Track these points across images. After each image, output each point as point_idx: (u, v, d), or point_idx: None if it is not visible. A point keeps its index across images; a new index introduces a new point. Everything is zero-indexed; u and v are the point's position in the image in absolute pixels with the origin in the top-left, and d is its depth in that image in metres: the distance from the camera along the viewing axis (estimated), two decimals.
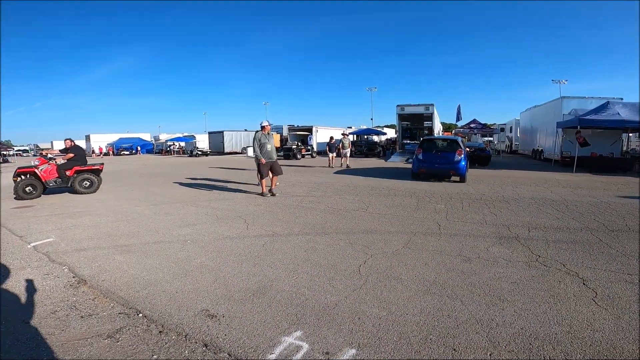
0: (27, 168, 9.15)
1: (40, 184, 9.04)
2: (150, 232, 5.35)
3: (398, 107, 23.25)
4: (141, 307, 2.96)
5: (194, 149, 35.74)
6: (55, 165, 9.40)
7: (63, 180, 9.36)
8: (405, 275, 3.55)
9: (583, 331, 2.52)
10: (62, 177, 9.34)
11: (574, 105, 16.72)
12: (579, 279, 3.42)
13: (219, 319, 2.72)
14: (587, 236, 4.89)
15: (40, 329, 2.63)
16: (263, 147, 8.25)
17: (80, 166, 9.69)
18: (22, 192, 8.73)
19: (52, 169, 9.34)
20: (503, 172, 14.21)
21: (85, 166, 9.79)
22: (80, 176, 9.57)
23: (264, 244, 4.64)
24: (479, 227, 5.38)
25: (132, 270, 3.81)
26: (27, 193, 8.79)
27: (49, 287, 3.39)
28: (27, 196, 8.75)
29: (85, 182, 9.61)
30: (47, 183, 9.17)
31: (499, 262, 3.89)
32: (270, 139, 8.41)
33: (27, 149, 65.15)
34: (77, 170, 9.59)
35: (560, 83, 42.92)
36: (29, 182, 8.89)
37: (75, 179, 9.48)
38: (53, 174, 9.29)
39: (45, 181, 9.12)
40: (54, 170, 9.33)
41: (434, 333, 2.50)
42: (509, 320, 2.67)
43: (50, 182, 9.21)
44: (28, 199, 8.73)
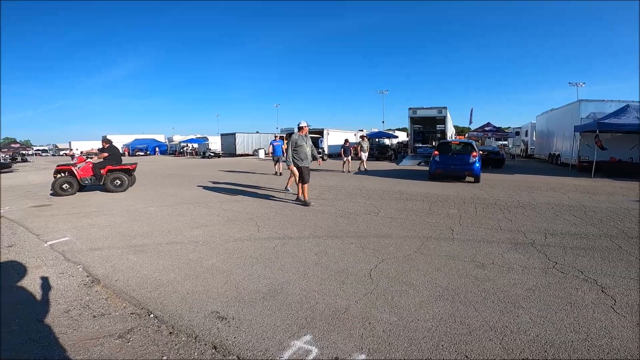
0: (65, 166, 9.71)
1: (76, 181, 9.52)
2: (162, 233, 5.42)
3: (410, 110, 23.11)
4: (152, 307, 2.99)
5: (207, 150, 36.16)
6: (91, 164, 9.87)
7: (97, 178, 9.81)
8: (417, 280, 3.50)
9: (601, 339, 2.45)
10: (96, 176, 9.80)
11: (592, 109, 16.28)
12: (598, 286, 3.32)
13: (229, 321, 2.73)
14: (606, 243, 4.75)
15: (53, 328, 2.68)
16: (300, 150, 7.61)
17: (114, 165, 10.07)
18: (59, 189, 9.26)
19: (88, 168, 9.82)
20: (518, 176, 13.94)
21: (118, 165, 10.16)
22: (112, 175, 9.94)
23: (274, 247, 4.64)
24: (494, 233, 5.28)
25: (144, 270, 3.86)
26: (64, 190, 9.31)
27: (63, 286, 3.45)
28: (63, 193, 9.26)
29: (117, 181, 9.97)
30: (83, 181, 9.65)
31: (514, 268, 3.80)
32: (308, 141, 7.75)
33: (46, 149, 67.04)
34: (110, 170, 9.97)
35: (578, 86, 41.93)
36: (66, 179, 9.41)
37: (107, 177, 9.86)
38: (89, 172, 9.78)
39: (81, 179, 9.60)
40: (89, 169, 9.81)
41: (445, 339, 2.45)
42: (524, 327, 2.60)
43: (86, 179, 9.70)
44: (64, 195, 9.21)
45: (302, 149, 7.59)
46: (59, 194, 9.21)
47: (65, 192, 9.29)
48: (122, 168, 10.23)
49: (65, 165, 9.85)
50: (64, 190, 9.29)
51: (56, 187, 9.25)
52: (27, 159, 41.06)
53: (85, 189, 10.16)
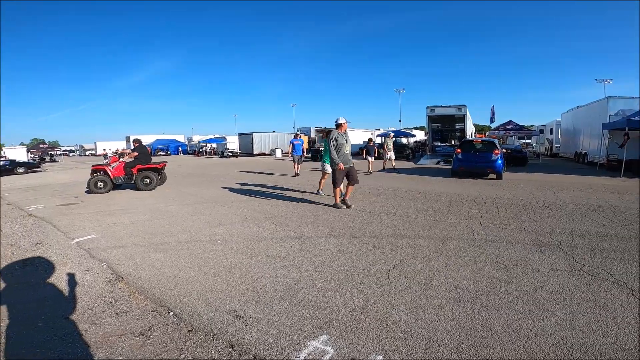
0: (100, 166, 10.38)
1: (110, 180, 10.09)
2: (183, 231, 5.52)
3: (428, 108, 22.74)
4: (172, 305, 3.04)
5: (225, 150, 36.70)
6: (123, 164, 10.42)
7: (128, 177, 10.34)
8: (436, 281, 3.43)
9: (630, 342, 2.34)
10: (127, 175, 10.33)
11: (620, 106, 15.54)
12: (627, 289, 3.17)
13: (246, 320, 2.74)
14: (637, 245, 4.52)
15: (77, 324, 2.76)
16: (340, 148, 6.92)
17: (143, 164, 10.55)
18: (94, 187, 9.86)
19: (121, 167, 10.38)
20: (542, 175, 13.48)
21: (147, 164, 10.62)
22: (142, 174, 10.39)
23: (292, 246, 4.65)
24: (517, 234, 5.11)
25: (165, 268, 3.93)
26: (98, 188, 9.89)
27: (88, 283, 3.56)
28: (97, 191, 9.85)
29: (146, 180, 10.38)
30: (116, 179, 10.24)
31: (540, 270, 3.67)
32: (347, 139, 7.11)
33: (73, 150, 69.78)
34: (140, 169, 10.45)
35: (605, 83, 40.20)
36: (100, 178, 10.01)
37: (138, 176, 10.33)
38: (121, 171, 10.34)
39: (114, 177, 10.19)
40: (122, 168, 10.36)
41: (465, 342, 2.38)
42: (549, 330, 2.51)
43: (119, 178, 10.29)
44: (98, 193, 9.79)
45: (343, 149, 6.95)
46: (94, 192, 9.79)
47: (99, 190, 9.86)
48: (151, 167, 10.67)
49: (100, 165, 10.49)
50: (98, 189, 9.87)
51: (91, 186, 9.85)
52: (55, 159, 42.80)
53: (120, 188, 10.67)
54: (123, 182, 10.38)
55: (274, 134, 40.25)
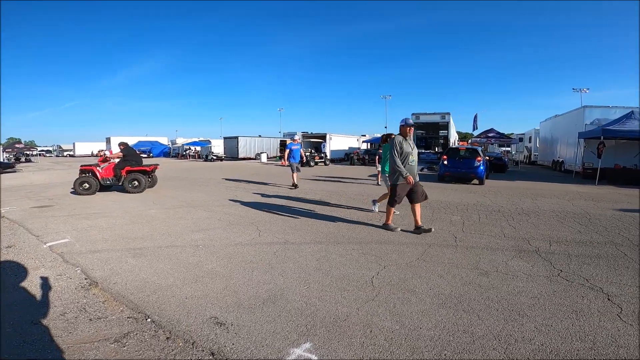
0: (88, 166, 10.19)
1: (97, 182, 9.90)
2: (163, 236, 5.38)
3: (413, 115, 23.08)
4: (150, 311, 2.95)
5: (209, 153, 36.25)
6: (113, 165, 10.27)
7: (117, 178, 10.17)
8: (419, 287, 3.44)
9: (607, 347, 2.39)
10: (116, 176, 10.17)
11: (596, 115, 16.15)
12: (604, 294, 3.26)
13: (228, 327, 2.68)
14: (612, 250, 4.68)
15: (48, 330, 2.64)
16: (405, 158, 5.55)
17: (133, 166, 10.37)
18: (79, 187, 9.66)
19: (110, 168, 10.23)
20: (521, 183, 13.86)
21: (137, 167, 10.45)
22: (130, 176, 10.19)
23: (275, 252, 4.59)
24: (497, 240, 5.21)
25: (143, 273, 3.82)
26: (84, 189, 9.68)
27: (60, 288, 3.42)
28: (83, 192, 9.66)
29: (134, 182, 10.19)
30: (104, 181, 10.07)
31: (519, 276, 3.74)
32: (413, 146, 5.81)
33: (50, 150, 67.50)
34: (128, 171, 10.26)
35: (582, 92, 41.75)
36: (85, 179, 9.80)
37: (126, 178, 10.14)
38: (110, 172, 10.20)
39: (102, 179, 10.02)
40: (111, 169, 10.22)
41: (448, 348, 2.39)
42: (529, 336, 2.54)
43: (107, 180, 10.13)
44: (85, 194, 9.61)
45: (408, 158, 5.57)
46: (80, 193, 9.61)
47: (86, 191, 9.68)
48: (140, 169, 10.49)
49: (88, 165, 10.29)
50: (84, 189, 9.68)
51: (77, 186, 9.68)
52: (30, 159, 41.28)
53: (109, 190, 10.51)
54: (111, 183, 10.19)
55: (260, 138, 40.01)
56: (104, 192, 10.12)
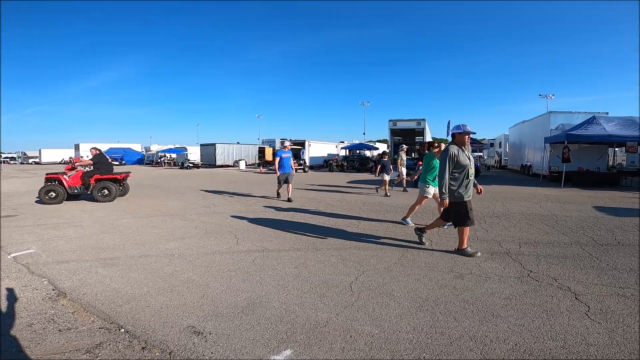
0: (54, 174, 9.73)
1: (64, 190, 9.44)
2: (135, 246, 5.21)
3: (390, 122, 23.48)
4: (123, 322, 2.85)
5: (185, 160, 35.42)
6: (81, 173, 9.85)
7: (85, 187, 9.76)
8: (397, 291, 3.49)
9: (577, 345, 2.49)
10: (85, 185, 9.75)
11: (561, 120, 16.89)
12: (571, 294, 3.41)
13: (206, 336, 2.62)
14: (577, 251, 4.91)
15: (17, 341, 2.52)
16: (463, 172, 4.62)
17: (103, 174, 9.96)
18: (45, 196, 9.21)
19: (77, 176, 9.80)
20: (493, 187, 14.34)
21: (107, 174, 10.04)
22: (100, 184, 9.79)
23: (253, 260, 4.54)
24: (471, 243, 5.35)
25: (115, 284, 3.68)
26: (50, 198, 9.24)
27: (26, 299, 3.27)
28: (49, 201, 9.21)
29: (104, 191, 9.80)
30: (71, 190, 9.61)
31: (491, 277, 3.86)
32: (471, 156, 4.80)
33: (14, 157, 64.05)
34: (97, 179, 9.86)
35: (547, 98, 43.77)
36: (51, 187, 9.33)
37: (95, 187, 9.73)
38: (78, 181, 9.77)
39: (69, 187, 9.58)
40: (78, 178, 9.79)
41: (427, 351, 2.43)
42: (503, 336, 2.62)
43: (74, 188, 9.68)
44: (51, 203, 9.17)
45: (466, 171, 4.63)
46: (46, 202, 9.16)
47: (52, 200, 9.23)
48: (110, 177, 10.10)
49: (54, 173, 9.83)
50: (50, 198, 9.23)
51: (42, 195, 9.22)
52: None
53: (77, 199, 10.09)
54: (79, 192, 9.74)
55: (238, 145, 39.51)
56: (72, 202, 9.69)
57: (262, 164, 35.61)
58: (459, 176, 4.61)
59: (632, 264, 4.28)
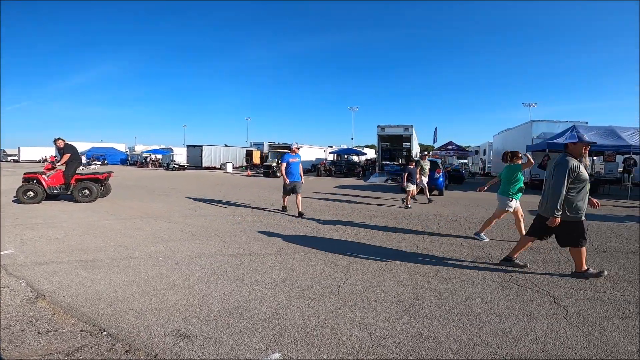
0: (33, 174, 9.42)
1: (42, 190, 9.17)
2: (118, 248, 5.10)
3: (378, 127, 23.69)
4: (106, 325, 2.79)
5: (171, 162, 34.89)
6: (61, 172, 9.52)
7: (66, 187, 9.44)
8: (384, 296, 3.53)
9: (557, 349, 2.56)
10: (66, 184, 9.44)
11: (542, 129, 17.34)
12: (550, 298, 3.51)
13: (192, 340, 2.59)
14: (556, 256, 5.06)
15: None
16: (582, 188, 4.14)
17: (77, 166, 9.73)
18: (22, 196, 8.95)
19: (58, 176, 9.49)
20: (477, 194, 14.60)
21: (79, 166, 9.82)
22: (81, 184, 9.53)
23: (240, 263, 4.51)
24: (455, 248, 5.46)
25: (96, 286, 3.60)
26: (28, 197, 8.99)
27: (4, 301, 3.18)
28: (28, 201, 8.95)
29: (85, 191, 9.54)
30: (50, 190, 9.33)
31: (475, 282, 3.94)
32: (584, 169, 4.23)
33: None
34: (78, 179, 9.61)
35: (531, 106, 44.94)
36: (29, 187, 9.07)
37: (75, 187, 9.47)
38: (58, 180, 9.46)
39: (48, 187, 9.29)
40: (59, 177, 9.48)
41: (413, 354, 2.47)
42: (486, 339, 2.68)
43: (54, 188, 9.38)
44: (28, 203, 8.90)
45: (584, 188, 4.16)
46: (24, 202, 8.92)
47: (30, 200, 8.97)
48: (91, 177, 9.88)
49: (32, 173, 9.54)
50: (28, 198, 8.98)
51: (20, 195, 8.97)
52: None
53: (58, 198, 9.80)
54: (59, 192, 9.44)
55: (225, 147, 39.15)
56: (51, 202, 9.40)
57: (250, 167, 35.40)
58: (577, 192, 4.13)
59: (609, 269, 4.43)
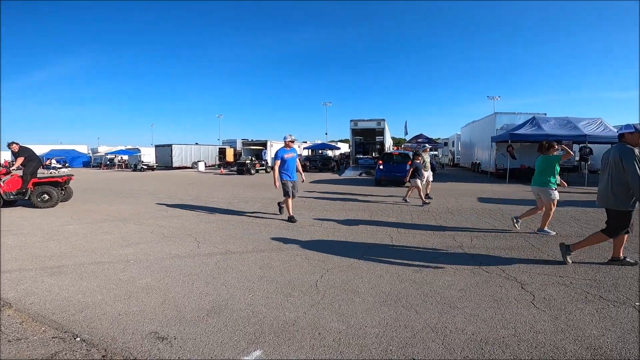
0: None
1: None
2: (85, 253, 4.88)
3: (352, 122, 23.87)
4: (78, 330, 2.69)
5: (139, 162, 33.55)
6: (17, 177, 8.98)
7: (23, 192, 8.88)
8: (361, 287, 3.59)
9: (527, 333, 2.69)
10: (24, 186, 8.89)
11: (505, 121, 18.17)
12: (518, 283, 3.68)
13: (171, 341, 2.53)
14: (521, 242, 5.33)
15: None
16: None
17: (37, 167, 9.22)
18: None
19: (14, 181, 8.93)
20: (447, 184, 15.11)
21: (40, 166, 9.31)
22: (39, 189, 8.96)
23: (216, 262, 4.44)
24: (428, 238, 5.63)
25: (64, 292, 3.45)
26: None
27: None
28: None
29: (44, 196, 8.97)
30: (7, 195, 8.75)
31: (447, 270, 4.09)
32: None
33: None
34: (35, 183, 9.04)
35: (495, 99, 47.01)
36: None
37: (33, 192, 8.91)
38: (15, 185, 8.90)
39: (4, 193, 8.72)
40: (15, 182, 8.92)
41: (393, 344, 2.53)
42: (461, 326, 2.79)
43: (11, 194, 8.80)
44: None
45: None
46: None
47: None
48: (50, 181, 9.31)
49: None
50: None
51: None
52: None
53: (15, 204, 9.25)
54: (15, 198, 8.86)
55: (196, 145, 38.09)
56: (9, 208, 8.81)
57: (223, 164, 34.71)
58: None
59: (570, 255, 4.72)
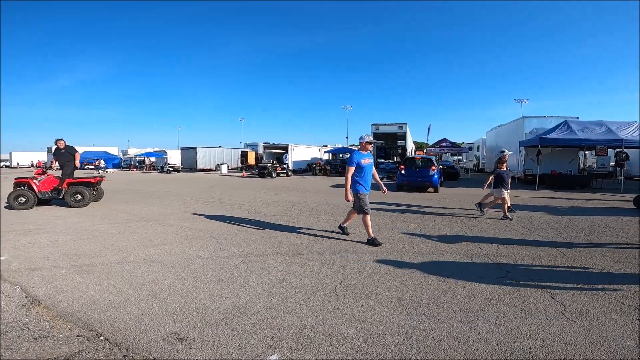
0: (24, 179, 9.35)
1: (34, 195, 9.11)
2: (113, 252, 5.05)
3: (373, 126, 23.73)
4: (102, 329, 2.76)
5: (165, 164, 34.67)
6: (53, 177, 9.51)
7: (57, 192, 9.35)
8: (381, 294, 3.52)
9: (556, 344, 2.56)
10: (61, 185, 9.35)
11: (534, 125, 17.54)
12: (547, 293, 3.52)
13: (190, 343, 2.56)
14: (552, 251, 5.09)
15: None
16: None
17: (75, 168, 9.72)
18: (14, 202, 8.88)
19: (49, 181, 9.45)
20: (471, 190, 14.71)
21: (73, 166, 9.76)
22: (73, 189, 9.43)
23: (237, 265, 4.48)
24: (451, 245, 5.48)
25: (92, 291, 3.56)
26: (20, 203, 8.91)
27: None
28: (19, 206, 8.87)
29: (77, 196, 9.45)
30: (42, 195, 9.25)
31: (471, 278, 3.95)
32: None
33: None
34: (70, 183, 9.51)
35: (522, 102, 45.23)
36: (20, 192, 8.99)
37: (67, 192, 9.38)
38: (50, 185, 9.41)
39: (40, 192, 9.22)
40: (50, 182, 9.44)
41: (412, 353, 2.46)
42: (485, 336, 2.68)
43: (45, 193, 9.30)
44: (20, 209, 8.82)
45: None
46: (15, 208, 8.83)
47: (22, 206, 8.90)
48: (83, 181, 9.77)
49: (23, 178, 9.47)
50: (19, 204, 8.90)
51: (11, 200, 8.89)
52: None
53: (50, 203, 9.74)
54: (50, 197, 9.36)
55: (220, 148, 38.96)
56: (43, 207, 9.31)
57: (245, 168, 35.33)
58: None
59: (604, 264, 4.48)
